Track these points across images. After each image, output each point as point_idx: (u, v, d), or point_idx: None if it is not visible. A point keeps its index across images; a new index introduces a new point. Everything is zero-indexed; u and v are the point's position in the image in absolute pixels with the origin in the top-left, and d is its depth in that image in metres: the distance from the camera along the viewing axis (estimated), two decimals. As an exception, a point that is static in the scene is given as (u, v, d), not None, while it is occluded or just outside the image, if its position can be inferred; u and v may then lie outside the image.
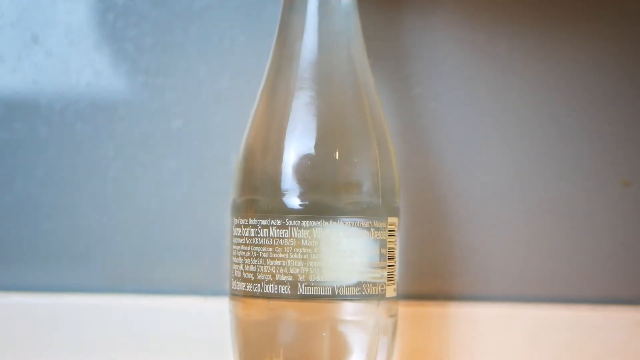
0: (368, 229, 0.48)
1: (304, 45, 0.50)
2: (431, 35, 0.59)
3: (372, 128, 0.50)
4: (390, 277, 0.49)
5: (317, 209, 0.48)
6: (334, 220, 0.48)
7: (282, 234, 0.48)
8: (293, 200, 0.48)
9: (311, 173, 0.48)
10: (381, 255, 0.49)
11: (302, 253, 0.48)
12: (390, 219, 0.49)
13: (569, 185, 0.59)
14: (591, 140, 0.59)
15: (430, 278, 0.59)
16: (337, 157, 0.49)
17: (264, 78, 0.51)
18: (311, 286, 0.48)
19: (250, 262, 0.49)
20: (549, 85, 0.59)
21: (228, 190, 0.53)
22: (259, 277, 0.49)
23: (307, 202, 0.48)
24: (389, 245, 0.49)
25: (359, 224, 0.48)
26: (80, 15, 0.59)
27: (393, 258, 0.50)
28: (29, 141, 0.59)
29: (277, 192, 0.49)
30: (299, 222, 0.48)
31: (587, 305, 0.58)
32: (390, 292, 0.50)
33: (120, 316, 0.58)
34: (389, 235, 0.49)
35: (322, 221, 0.48)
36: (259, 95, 0.51)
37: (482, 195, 0.59)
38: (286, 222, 0.48)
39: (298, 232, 0.48)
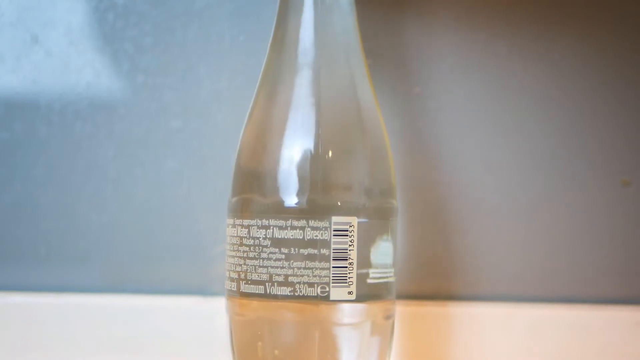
0: (302, 228, 0.48)
1: (299, 44, 0.50)
2: (430, 34, 0.59)
3: (324, 125, 0.49)
4: (338, 279, 0.48)
5: (254, 208, 0.49)
6: (266, 219, 0.48)
7: (232, 233, 0.50)
8: (236, 200, 0.50)
9: (250, 174, 0.50)
10: (321, 255, 0.48)
11: (244, 251, 0.49)
12: (338, 219, 0.48)
13: (568, 185, 0.59)
14: (591, 140, 0.59)
15: (430, 278, 0.59)
16: (270, 156, 0.49)
17: (259, 77, 0.51)
18: (249, 284, 0.48)
19: (225, 260, 0.51)
20: (548, 85, 0.59)
21: (228, 190, 0.53)
22: (226, 274, 0.50)
23: (244, 201, 0.49)
24: (334, 246, 0.48)
25: (291, 223, 0.48)
26: (80, 15, 0.59)
27: (345, 259, 0.48)
28: (29, 141, 0.59)
29: (232, 193, 0.50)
30: (241, 220, 0.49)
31: (587, 305, 0.58)
32: (340, 294, 0.48)
33: (120, 316, 0.58)
34: (335, 236, 0.48)
35: (257, 220, 0.48)
36: (255, 95, 0.51)
37: (482, 194, 0.59)
38: (234, 222, 0.49)
39: (240, 231, 0.49)
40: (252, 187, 0.49)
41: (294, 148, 0.49)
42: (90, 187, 0.59)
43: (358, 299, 0.48)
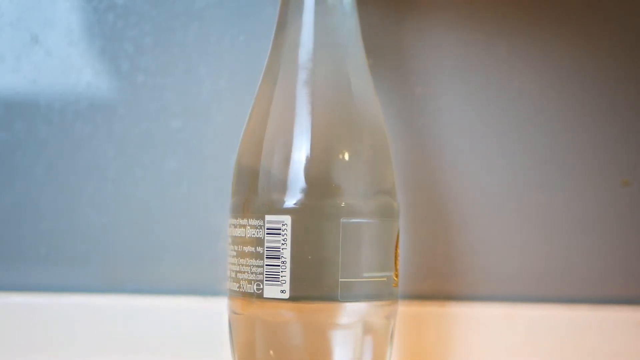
0: (244, 226, 0.49)
1: (300, 45, 0.50)
2: (431, 35, 0.59)
3: (270, 127, 0.50)
4: (271, 277, 0.48)
5: (229, 208, 0.51)
6: (230, 218, 0.50)
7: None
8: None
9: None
10: (257, 253, 0.48)
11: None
12: (270, 217, 0.48)
13: (568, 185, 0.59)
14: (591, 140, 0.59)
15: (430, 278, 0.59)
16: (237, 158, 0.51)
17: (260, 78, 0.51)
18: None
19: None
20: (548, 85, 0.59)
21: (228, 190, 0.53)
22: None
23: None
24: (267, 244, 0.48)
25: (239, 222, 0.49)
26: (80, 15, 0.59)
27: (277, 257, 0.48)
28: (29, 141, 0.59)
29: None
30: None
31: (587, 305, 0.58)
32: (273, 292, 0.48)
33: (120, 316, 0.58)
34: (268, 234, 0.48)
35: (229, 219, 0.50)
36: (256, 95, 0.51)
37: (482, 194, 0.59)
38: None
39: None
40: (236, 190, 0.51)
41: (245, 150, 0.50)
42: (90, 187, 0.59)
43: (292, 299, 0.48)
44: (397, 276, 0.50)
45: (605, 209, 0.59)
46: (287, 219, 0.48)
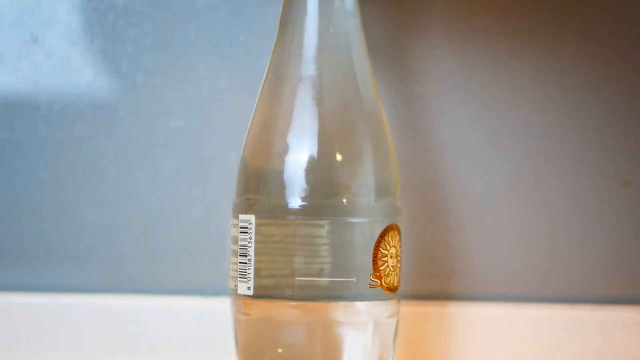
0: (231, 225, 0.50)
1: (304, 45, 0.50)
2: (431, 35, 0.59)
3: (251, 129, 0.51)
4: (242, 274, 0.49)
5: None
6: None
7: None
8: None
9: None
10: (234, 250, 0.50)
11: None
12: (243, 216, 0.49)
13: (568, 185, 0.59)
14: (591, 140, 0.59)
15: (430, 278, 0.59)
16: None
17: (264, 78, 0.51)
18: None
19: None
20: (548, 85, 0.59)
21: (228, 190, 0.53)
22: None
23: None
24: (239, 242, 0.49)
25: (231, 222, 0.51)
26: (80, 15, 0.59)
27: (245, 255, 0.49)
28: (29, 141, 0.59)
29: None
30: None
31: (587, 305, 0.58)
32: (242, 289, 0.49)
33: (120, 316, 0.58)
34: (240, 233, 0.49)
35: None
36: (259, 96, 0.51)
37: (482, 195, 0.59)
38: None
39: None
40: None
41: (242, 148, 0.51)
42: (90, 187, 0.59)
43: (255, 296, 0.49)
44: (379, 277, 0.49)
45: (605, 209, 0.59)
46: (252, 218, 0.49)
